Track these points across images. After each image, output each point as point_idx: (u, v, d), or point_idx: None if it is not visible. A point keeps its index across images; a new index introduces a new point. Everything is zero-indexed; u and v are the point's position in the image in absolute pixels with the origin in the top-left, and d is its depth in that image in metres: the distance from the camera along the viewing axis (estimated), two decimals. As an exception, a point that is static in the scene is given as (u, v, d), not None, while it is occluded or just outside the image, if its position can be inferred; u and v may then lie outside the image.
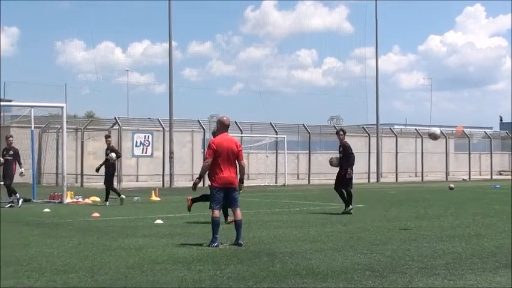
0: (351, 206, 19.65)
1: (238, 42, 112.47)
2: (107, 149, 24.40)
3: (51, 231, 14.88)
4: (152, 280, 9.01)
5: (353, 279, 9.12)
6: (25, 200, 24.44)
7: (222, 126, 12.70)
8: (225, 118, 12.81)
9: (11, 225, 16.34)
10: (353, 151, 20.27)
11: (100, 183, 36.45)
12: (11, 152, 23.23)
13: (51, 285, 8.73)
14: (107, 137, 24.93)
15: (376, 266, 10.22)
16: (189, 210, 16.34)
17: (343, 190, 19.91)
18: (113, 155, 23.95)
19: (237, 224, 12.53)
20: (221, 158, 12.33)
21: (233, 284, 8.79)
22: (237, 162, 12.53)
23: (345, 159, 20.04)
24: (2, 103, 40.57)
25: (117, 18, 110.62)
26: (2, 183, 23.27)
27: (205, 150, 12.63)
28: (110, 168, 24.12)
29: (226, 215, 16.21)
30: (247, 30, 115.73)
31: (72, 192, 25.45)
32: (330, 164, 20.88)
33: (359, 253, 11.50)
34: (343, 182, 20.01)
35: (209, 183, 12.81)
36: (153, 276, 9.29)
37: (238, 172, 12.59)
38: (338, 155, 20.37)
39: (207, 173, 12.61)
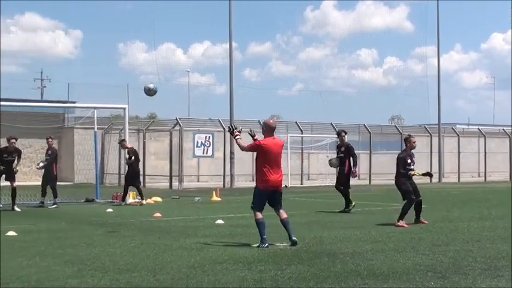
0: (351, 205, 20.39)
1: (298, 42, 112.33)
2: (128, 152, 24.93)
3: (114, 231, 15.06)
4: (213, 280, 9.07)
5: (415, 280, 9.04)
6: (88, 200, 24.87)
7: (268, 129, 12.63)
8: (271, 121, 12.85)
9: (75, 225, 16.61)
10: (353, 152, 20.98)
11: (162, 184, 37.01)
12: (49, 152, 23.54)
13: (114, 284, 8.84)
14: (122, 141, 25.47)
15: (439, 267, 10.12)
16: None
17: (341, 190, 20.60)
18: (132, 156, 24.50)
19: (284, 222, 12.56)
20: (270, 160, 12.40)
21: (294, 284, 8.79)
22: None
23: (347, 159, 20.65)
24: (66, 105, 41.25)
25: (178, 19, 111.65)
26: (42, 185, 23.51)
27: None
28: (134, 169, 24.58)
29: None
30: (307, 30, 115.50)
31: (135, 193, 25.73)
32: (330, 165, 21.41)
33: (421, 254, 11.40)
34: (342, 182, 20.75)
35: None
36: (214, 276, 9.35)
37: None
38: (337, 156, 21.02)
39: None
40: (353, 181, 21.70)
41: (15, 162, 21.79)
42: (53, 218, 18.60)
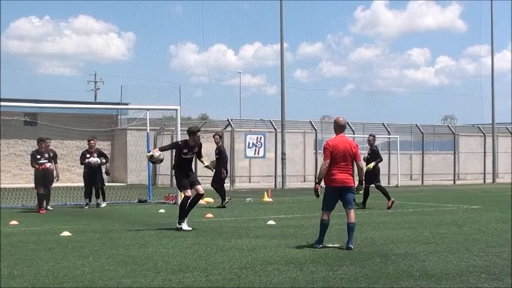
0: (226, 200, 23.12)
1: (348, 43, 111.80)
2: (93, 152, 23.60)
3: (167, 232, 15.16)
4: (265, 280, 9.08)
5: (468, 282, 8.96)
6: (140, 201, 25.08)
7: (338, 127, 12.54)
8: (340, 118, 12.63)
9: (128, 226, 16.75)
10: (226, 154, 23.85)
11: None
12: (95, 155, 23.40)
13: (166, 284, 8.92)
14: (90, 140, 23.91)
15: (493, 268, 10.00)
16: None
17: (217, 186, 23.48)
18: (103, 160, 23.64)
19: (349, 228, 12.30)
20: (337, 159, 12.19)
21: (346, 285, 8.77)
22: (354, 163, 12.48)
23: (221, 162, 23.05)
24: (119, 106, 41.66)
25: (229, 20, 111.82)
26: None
27: (322, 152, 12.49)
28: (104, 170, 24.09)
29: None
30: (358, 31, 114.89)
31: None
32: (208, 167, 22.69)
33: (474, 255, 11.28)
34: (217, 181, 23.45)
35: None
36: (265, 276, 9.37)
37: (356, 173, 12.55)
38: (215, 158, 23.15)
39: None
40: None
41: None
42: (107, 218, 18.80)
